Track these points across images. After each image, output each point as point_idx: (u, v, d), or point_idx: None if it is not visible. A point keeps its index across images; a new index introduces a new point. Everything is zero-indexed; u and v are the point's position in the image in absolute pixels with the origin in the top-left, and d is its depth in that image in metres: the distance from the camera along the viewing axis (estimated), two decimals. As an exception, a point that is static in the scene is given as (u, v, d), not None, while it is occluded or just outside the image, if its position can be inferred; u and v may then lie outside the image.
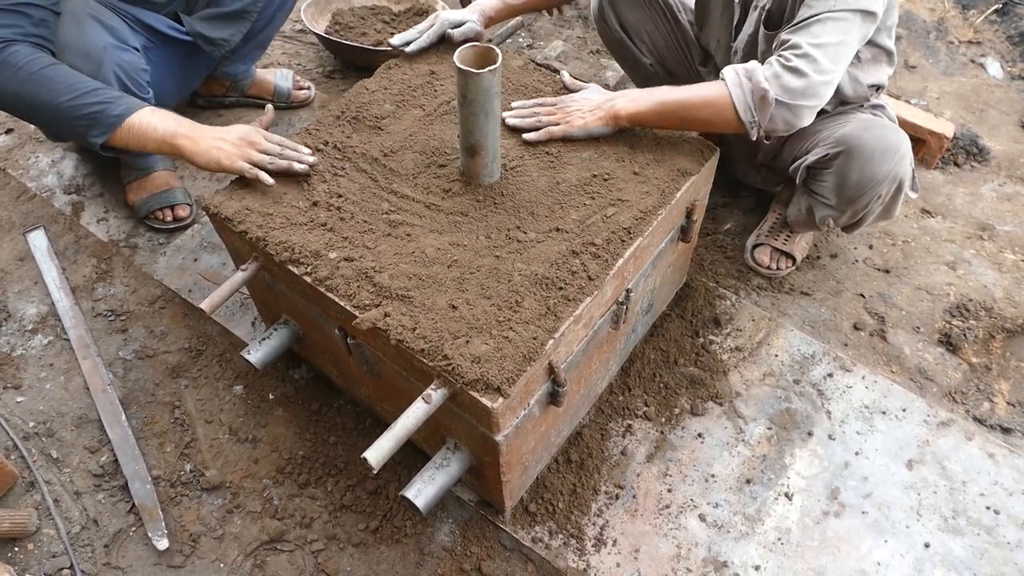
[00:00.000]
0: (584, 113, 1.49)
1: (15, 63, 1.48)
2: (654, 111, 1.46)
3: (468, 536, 1.51)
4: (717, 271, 1.98)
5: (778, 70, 1.39)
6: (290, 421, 1.69)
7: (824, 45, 1.39)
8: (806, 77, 1.38)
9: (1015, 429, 1.69)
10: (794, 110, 1.40)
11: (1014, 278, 1.98)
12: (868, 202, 1.64)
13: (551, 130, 1.49)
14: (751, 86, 1.40)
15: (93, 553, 1.51)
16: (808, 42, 1.39)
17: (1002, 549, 1.49)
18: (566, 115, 1.50)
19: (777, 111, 1.40)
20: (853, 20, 1.40)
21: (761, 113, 1.41)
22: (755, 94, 1.40)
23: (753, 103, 1.40)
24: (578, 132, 1.48)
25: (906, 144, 1.59)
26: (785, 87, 1.38)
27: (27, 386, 1.76)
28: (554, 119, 1.50)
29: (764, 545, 1.50)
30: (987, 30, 2.75)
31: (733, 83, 1.41)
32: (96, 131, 1.51)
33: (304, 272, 1.30)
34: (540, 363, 1.19)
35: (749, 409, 1.70)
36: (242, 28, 2.02)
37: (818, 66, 1.38)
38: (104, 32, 1.68)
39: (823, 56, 1.38)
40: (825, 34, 1.39)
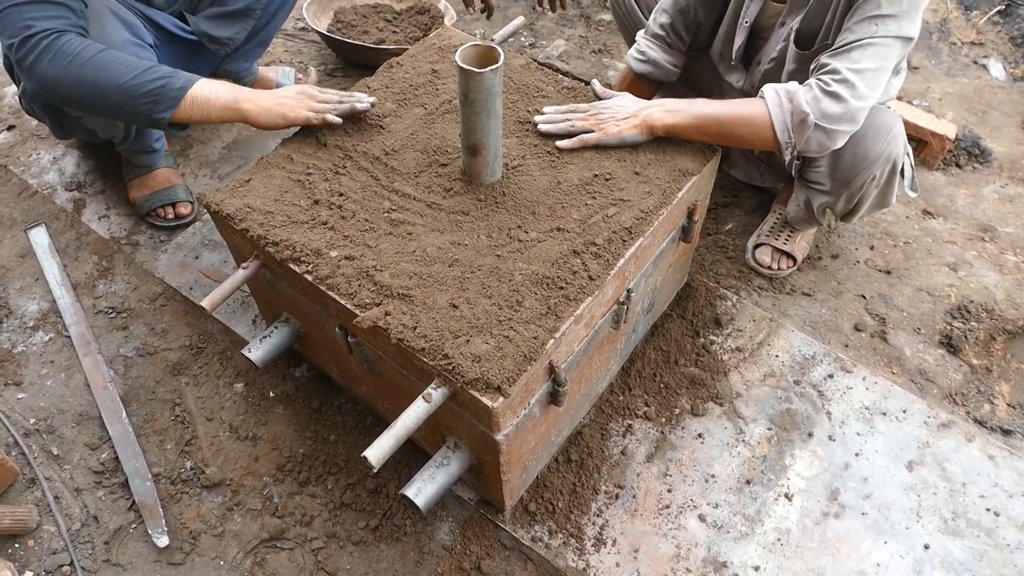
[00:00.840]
0: (619, 121, 1.47)
1: (71, 51, 1.49)
2: (692, 124, 1.46)
3: (468, 535, 1.51)
4: (718, 271, 1.98)
5: (818, 94, 1.40)
6: (290, 419, 1.69)
7: (863, 71, 1.39)
8: (845, 103, 1.39)
9: (1015, 431, 1.69)
10: (830, 134, 1.42)
11: (1015, 280, 1.98)
12: (863, 183, 1.63)
13: (585, 138, 1.47)
14: (791, 108, 1.41)
15: (93, 550, 1.51)
16: (848, 67, 1.39)
17: (1002, 551, 1.49)
18: (600, 122, 1.49)
19: (814, 134, 1.42)
20: (893, 46, 1.40)
21: (798, 135, 1.42)
22: (795, 116, 1.41)
23: (791, 125, 1.42)
24: (612, 140, 1.47)
25: (899, 125, 1.59)
26: (824, 112, 1.39)
27: (28, 383, 1.76)
28: (587, 126, 1.49)
29: (764, 546, 1.50)
30: (990, 31, 2.75)
31: (773, 103, 1.42)
32: (161, 107, 1.52)
33: (305, 270, 1.30)
34: (541, 363, 1.19)
35: (749, 409, 1.70)
36: (246, 26, 2.02)
37: (856, 92, 1.39)
38: (123, 28, 1.69)
39: (862, 82, 1.39)
40: (865, 60, 1.39)
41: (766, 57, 1.72)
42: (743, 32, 1.71)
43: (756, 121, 1.44)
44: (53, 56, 1.48)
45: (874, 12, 1.38)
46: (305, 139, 1.52)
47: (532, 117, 1.53)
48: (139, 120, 1.58)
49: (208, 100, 1.53)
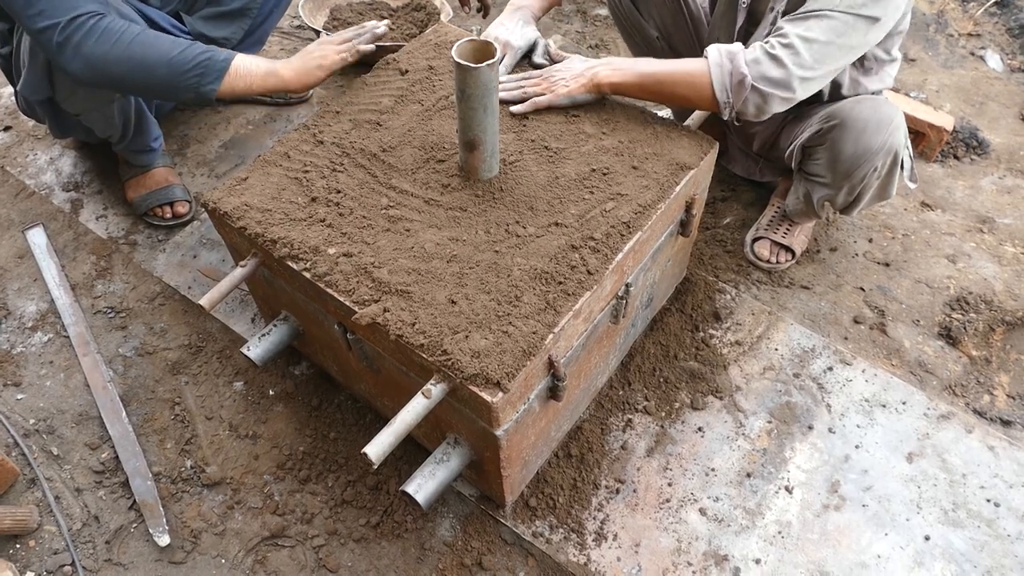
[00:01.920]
0: (568, 81, 1.51)
1: (117, 29, 1.52)
2: (635, 82, 1.48)
3: (469, 531, 1.51)
4: (717, 265, 1.98)
5: (760, 56, 1.38)
6: (290, 417, 1.69)
7: (812, 40, 1.36)
8: (785, 68, 1.37)
9: (1015, 422, 1.69)
10: (766, 98, 1.41)
11: (1014, 271, 1.98)
12: (864, 175, 1.62)
13: (536, 100, 1.51)
14: (731, 68, 1.40)
15: (94, 550, 1.51)
16: (798, 34, 1.37)
17: (1002, 541, 1.49)
18: (551, 85, 1.53)
19: (751, 95, 1.41)
20: (853, 25, 1.37)
21: (736, 96, 1.42)
22: (733, 76, 1.40)
23: (730, 85, 1.41)
24: (563, 100, 1.51)
25: (899, 117, 1.59)
26: (762, 74, 1.38)
27: (27, 383, 1.76)
28: (539, 90, 1.52)
29: (764, 538, 1.50)
30: (987, 23, 2.74)
31: (714, 63, 1.42)
32: (209, 79, 1.57)
33: (303, 268, 1.30)
34: (540, 358, 1.19)
35: (749, 403, 1.70)
36: (243, 26, 2.02)
37: (800, 59, 1.37)
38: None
39: (808, 52, 1.37)
40: (817, 30, 1.37)
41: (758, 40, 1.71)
42: (743, 13, 1.71)
43: (696, 80, 1.44)
44: (100, 35, 1.50)
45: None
46: (302, 137, 1.52)
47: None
48: (186, 94, 1.60)
49: (249, 71, 1.60)
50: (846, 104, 1.61)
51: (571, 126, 1.53)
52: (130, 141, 1.93)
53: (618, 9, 2.01)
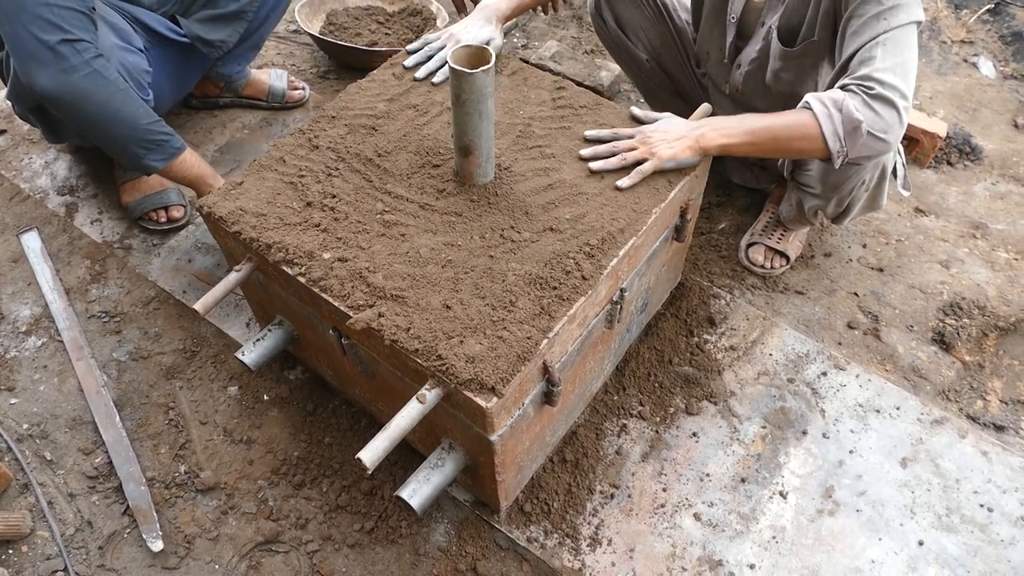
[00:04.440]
0: (671, 143, 1.42)
1: (107, 76, 1.60)
2: (746, 141, 1.43)
3: (463, 536, 1.51)
4: (711, 270, 1.98)
5: (866, 99, 1.35)
6: (285, 422, 1.69)
7: (895, 67, 1.35)
8: (893, 105, 1.35)
9: (1008, 427, 1.70)
10: (886, 141, 1.38)
11: (1007, 276, 1.99)
12: (852, 187, 1.64)
13: (643, 169, 1.40)
14: (842, 117, 1.36)
15: (87, 555, 1.50)
16: (878, 70, 1.35)
17: (995, 546, 1.50)
18: (650, 148, 1.42)
19: (868, 141, 1.37)
20: (910, 33, 1.37)
21: (851, 143, 1.38)
22: (846, 125, 1.36)
23: (843, 134, 1.37)
24: (668, 163, 1.41)
25: None
26: (877, 118, 1.35)
27: (21, 388, 1.76)
28: (639, 154, 1.42)
29: (759, 544, 1.50)
30: (979, 30, 2.76)
31: (821, 113, 1.37)
32: (158, 155, 1.72)
33: (298, 273, 1.29)
34: (534, 363, 1.19)
35: (744, 408, 1.70)
36: (239, 29, 2.02)
37: (899, 91, 1.35)
38: (111, 33, 1.69)
39: (899, 79, 1.35)
40: (890, 56, 1.36)
41: (747, 59, 1.73)
42: (732, 28, 1.72)
43: (808, 132, 1.39)
44: (91, 72, 1.56)
45: (876, 10, 1.37)
46: (297, 141, 1.52)
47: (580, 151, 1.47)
48: (129, 157, 1.72)
49: (192, 166, 1.80)
50: None
51: (566, 131, 1.53)
52: None
53: (605, 35, 2.03)
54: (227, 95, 2.35)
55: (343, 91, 1.64)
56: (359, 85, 1.65)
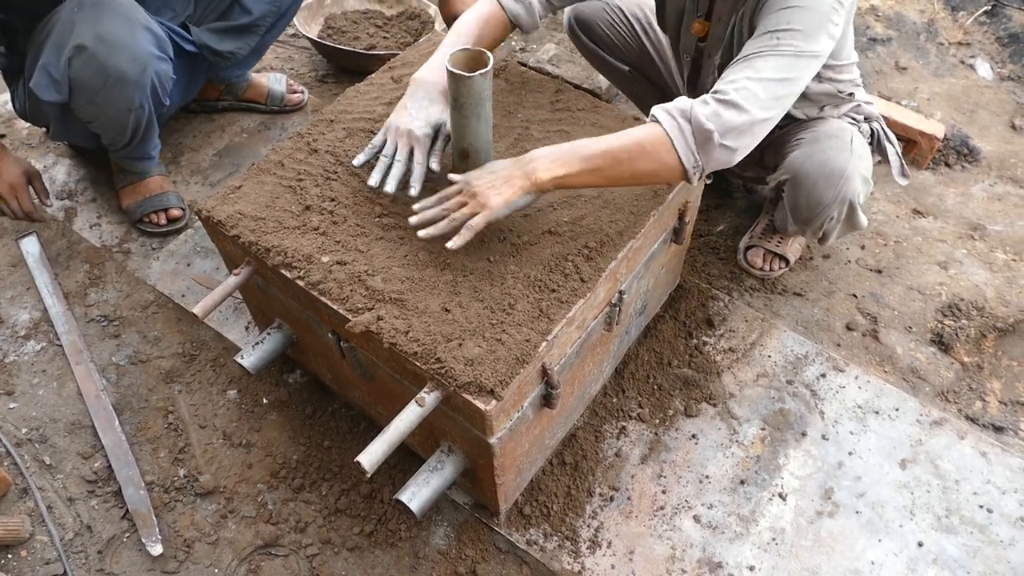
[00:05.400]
0: (499, 188, 1.25)
1: None
2: (585, 169, 1.24)
3: (463, 539, 1.51)
4: (710, 272, 1.98)
5: (717, 108, 1.22)
6: (284, 425, 1.69)
7: (763, 80, 1.25)
8: (747, 112, 1.23)
9: (1007, 428, 1.70)
10: (733, 151, 1.26)
11: (1005, 277, 1.99)
12: (821, 223, 1.68)
13: (473, 224, 1.23)
14: (691, 128, 1.23)
15: (87, 559, 1.50)
16: (747, 76, 1.25)
17: (995, 547, 1.50)
18: (479, 199, 1.25)
19: (719, 152, 1.25)
20: (797, 61, 1.28)
21: (705, 156, 1.25)
22: (697, 136, 1.23)
23: (695, 146, 1.24)
24: (501, 211, 1.25)
25: (853, 164, 1.58)
26: (727, 126, 1.22)
27: (20, 392, 1.75)
28: (468, 209, 1.25)
29: (758, 545, 1.50)
30: (976, 31, 2.77)
31: (671, 126, 1.24)
32: None
33: (297, 276, 1.30)
34: (533, 365, 1.19)
35: (743, 410, 1.70)
36: (250, 42, 2.03)
37: (758, 100, 1.23)
38: (152, 42, 1.72)
39: (762, 91, 1.24)
40: (765, 70, 1.25)
41: (704, 87, 1.74)
42: (687, 65, 1.75)
43: (657, 149, 1.24)
44: None
45: (775, 27, 1.28)
46: (296, 145, 1.52)
47: (409, 219, 1.31)
48: None
49: None
50: (798, 157, 1.62)
51: (564, 134, 1.54)
52: (132, 148, 1.93)
53: (584, 52, 2.05)
54: (226, 98, 2.35)
55: (341, 95, 1.64)
56: (357, 89, 1.65)
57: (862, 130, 1.71)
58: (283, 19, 2.11)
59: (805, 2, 1.28)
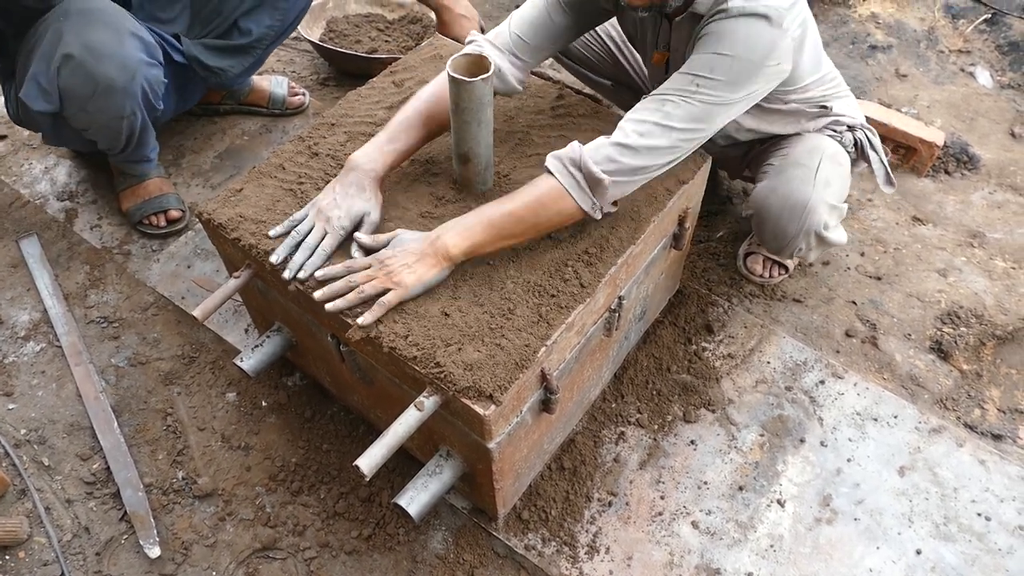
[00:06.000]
0: (412, 266, 1.24)
1: None
2: (490, 234, 1.26)
3: (461, 543, 1.51)
4: (710, 278, 1.99)
5: (611, 152, 1.25)
6: (283, 428, 1.69)
7: (671, 129, 1.26)
8: (643, 157, 1.26)
9: (1006, 436, 1.70)
10: (628, 185, 1.29)
11: (1004, 285, 1.99)
12: (791, 252, 1.71)
13: (385, 301, 1.22)
14: (582, 175, 1.26)
15: (84, 561, 1.50)
16: (655, 121, 1.26)
17: (993, 555, 1.50)
18: (389, 274, 1.23)
19: (612, 188, 1.27)
20: (713, 111, 1.27)
21: (601, 197, 1.28)
22: (589, 181, 1.26)
23: (590, 190, 1.27)
24: (415, 289, 1.24)
25: (817, 195, 1.57)
26: (620, 169, 1.25)
27: (19, 393, 1.76)
28: (379, 284, 1.23)
29: (757, 552, 1.50)
30: (977, 39, 2.77)
31: (564, 177, 1.26)
32: None
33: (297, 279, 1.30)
34: (532, 370, 1.19)
35: (741, 416, 1.70)
36: (244, 62, 2.00)
37: (658, 151, 1.26)
38: (141, 48, 1.72)
39: (667, 140, 1.26)
40: (676, 117, 1.26)
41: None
42: None
43: (555, 201, 1.26)
44: None
45: (698, 71, 1.26)
46: (297, 148, 1.53)
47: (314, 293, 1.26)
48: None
49: None
50: (762, 191, 1.65)
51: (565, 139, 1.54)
52: (129, 153, 1.93)
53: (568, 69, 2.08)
54: (228, 102, 2.36)
55: (343, 98, 1.64)
56: (359, 92, 1.65)
57: (844, 140, 1.68)
58: (283, 35, 2.07)
59: (735, 51, 1.24)
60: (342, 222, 1.31)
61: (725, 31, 1.26)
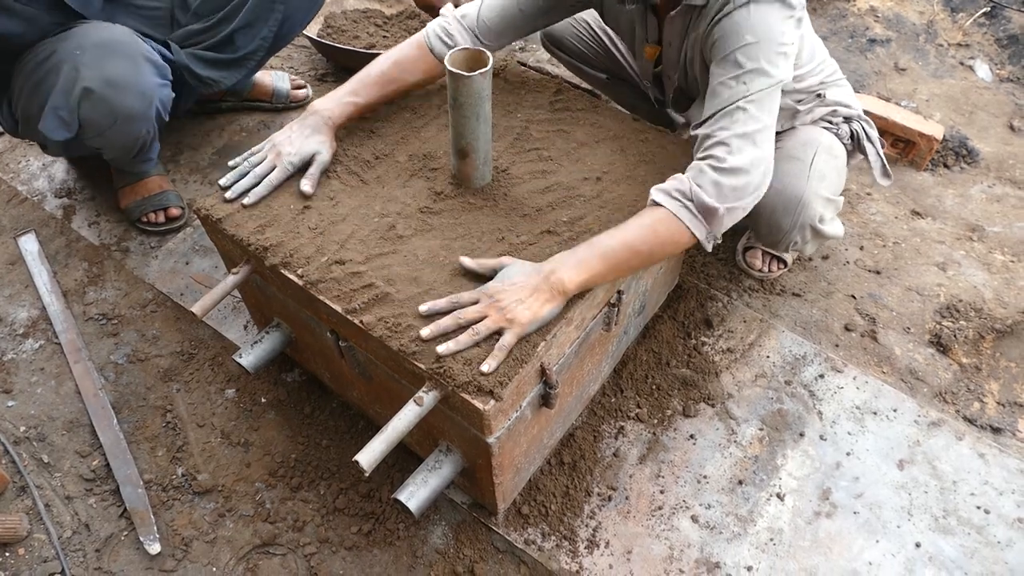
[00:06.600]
0: (525, 301, 1.19)
1: None
2: (605, 266, 1.24)
3: (461, 538, 1.51)
4: (709, 273, 1.98)
5: (716, 177, 1.25)
6: (282, 424, 1.69)
7: (750, 133, 1.26)
8: (746, 174, 1.26)
9: (1005, 429, 1.70)
10: (742, 210, 1.30)
11: (1003, 278, 1.99)
12: (787, 245, 1.70)
13: (504, 344, 1.17)
14: (695, 205, 1.26)
15: (84, 558, 1.50)
16: (734, 134, 1.26)
17: (992, 548, 1.50)
18: (505, 314, 1.18)
19: (728, 218, 1.28)
20: (771, 96, 1.29)
21: (715, 226, 1.28)
22: (703, 212, 1.26)
23: (705, 219, 1.27)
24: (531, 327, 1.19)
25: (811, 189, 1.57)
26: (729, 193, 1.26)
27: (18, 390, 1.75)
28: (492, 323, 1.18)
29: (756, 546, 1.50)
30: (976, 33, 2.77)
31: (676, 207, 1.26)
32: None
33: (295, 275, 1.29)
34: (532, 365, 1.19)
35: (741, 410, 1.70)
36: (237, 74, 1.99)
37: (751, 156, 1.26)
38: (155, 73, 1.74)
39: (753, 146, 1.27)
40: (749, 121, 1.27)
41: (669, 103, 1.75)
42: (650, 89, 1.77)
43: (671, 232, 1.26)
44: None
45: (735, 72, 1.29)
46: (295, 144, 1.52)
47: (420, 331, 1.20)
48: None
49: None
50: None
51: (564, 134, 1.54)
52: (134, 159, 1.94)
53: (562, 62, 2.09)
54: (230, 99, 2.35)
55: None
56: (357, 88, 1.65)
57: (840, 132, 1.68)
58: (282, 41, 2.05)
59: (755, 35, 1.28)
60: (292, 159, 1.41)
61: (740, 23, 1.29)
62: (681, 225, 1.26)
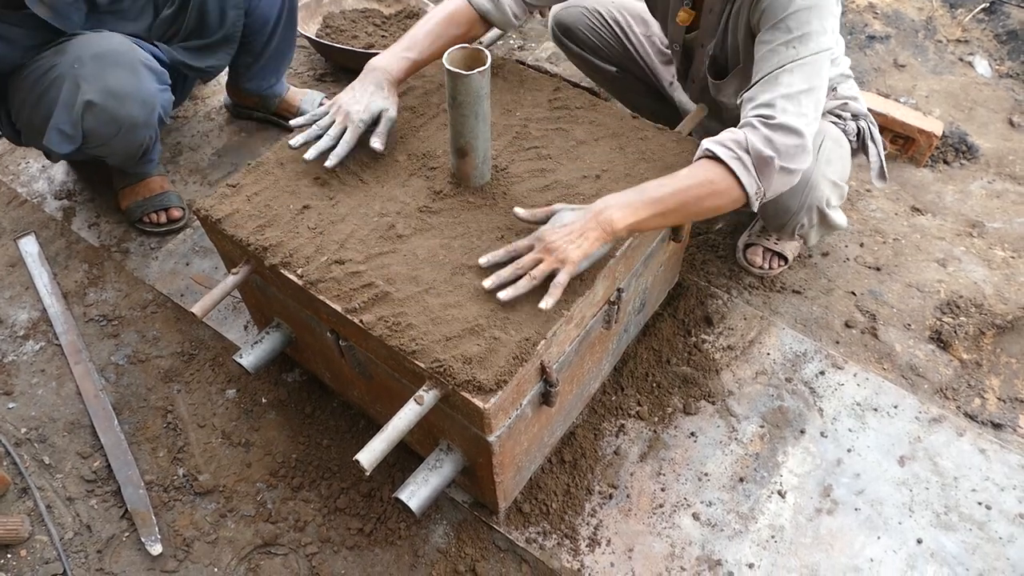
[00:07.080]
0: (577, 241, 1.22)
1: None
2: (655, 212, 1.25)
3: (462, 537, 1.51)
4: (709, 270, 1.98)
5: (768, 133, 1.26)
6: (283, 424, 1.69)
7: (799, 94, 1.27)
8: (798, 133, 1.26)
9: (1006, 425, 1.70)
10: (792, 173, 1.30)
11: (1004, 274, 1.99)
12: (793, 229, 1.70)
13: (558, 283, 1.20)
14: (751, 159, 1.26)
15: (86, 559, 1.50)
16: (782, 94, 1.27)
17: (994, 544, 1.50)
18: (557, 255, 1.21)
19: (780, 177, 1.28)
20: (820, 63, 1.30)
21: (767, 182, 1.28)
22: (759, 164, 1.26)
23: (759, 175, 1.27)
24: (583, 264, 1.23)
25: (819, 171, 1.58)
26: (783, 149, 1.26)
27: (19, 392, 1.75)
28: (547, 266, 1.21)
29: (758, 543, 1.50)
30: (975, 28, 2.77)
31: (730, 158, 1.26)
32: None
33: (295, 275, 1.30)
34: (532, 363, 1.19)
35: (742, 407, 1.70)
36: (229, 52, 1.98)
37: (803, 116, 1.27)
38: (155, 79, 1.74)
39: (802, 106, 1.27)
40: (796, 82, 1.28)
41: (697, 75, 1.75)
42: (677, 55, 1.76)
43: (721, 183, 1.26)
44: None
45: (785, 38, 1.30)
46: (294, 144, 1.52)
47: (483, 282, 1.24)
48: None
49: None
50: None
51: (563, 132, 1.54)
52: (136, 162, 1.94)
53: (571, 56, 2.08)
54: (261, 111, 2.33)
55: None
56: (355, 87, 1.65)
57: (847, 129, 1.69)
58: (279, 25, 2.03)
59: (806, 2, 1.29)
60: (362, 115, 1.40)
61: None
62: (732, 178, 1.26)
